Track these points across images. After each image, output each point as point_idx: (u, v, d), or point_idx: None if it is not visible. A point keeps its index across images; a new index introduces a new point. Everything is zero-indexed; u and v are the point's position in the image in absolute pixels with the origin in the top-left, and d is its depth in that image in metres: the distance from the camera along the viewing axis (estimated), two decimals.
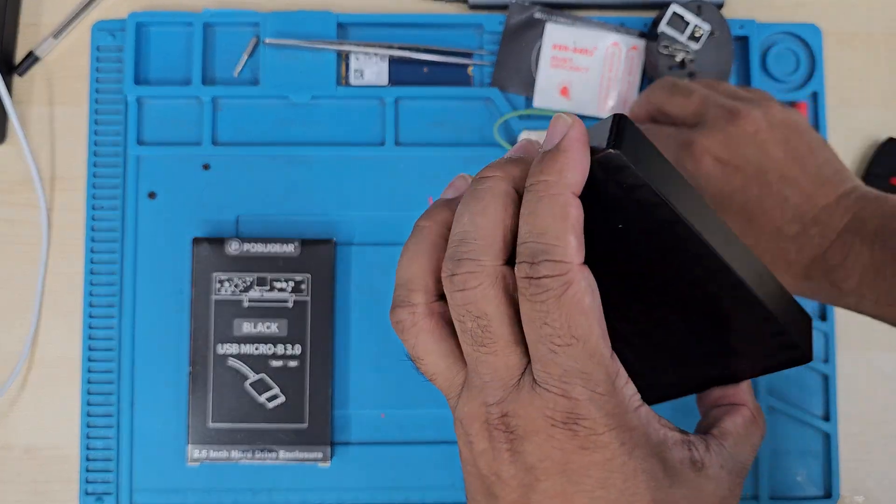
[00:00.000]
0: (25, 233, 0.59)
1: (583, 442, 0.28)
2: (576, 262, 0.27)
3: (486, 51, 0.60)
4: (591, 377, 0.28)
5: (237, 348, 0.55)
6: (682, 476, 0.29)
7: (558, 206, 0.27)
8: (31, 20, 0.61)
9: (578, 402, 0.28)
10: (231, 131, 0.59)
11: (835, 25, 0.62)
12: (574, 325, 0.27)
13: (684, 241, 0.29)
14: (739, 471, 0.32)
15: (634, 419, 0.29)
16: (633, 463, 0.28)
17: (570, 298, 0.27)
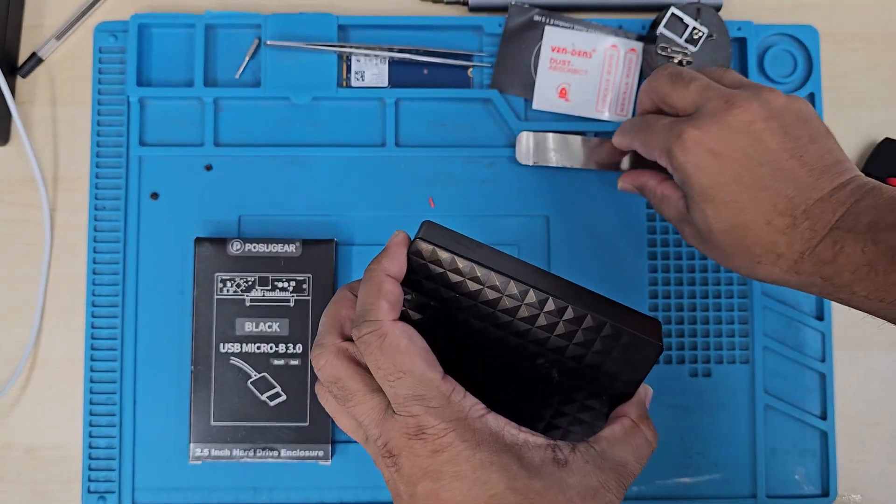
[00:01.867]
0: (28, 233, 0.59)
1: (433, 446, 0.36)
2: (387, 319, 0.37)
3: (486, 53, 0.60)
4: (425, 397, 0.36)
5: (239, 347, 0.55)
6: (542, 471, 0.36)
7: (374, 283, 0.38)
8: (34, 21, 0.61)
9: (419, 416, 0.36)
10: (233, 132, 0.59)
11: (832, 27, 0.62)
12: (397, 362, 0.36)
13: (497, 289, 0.38)
14: (614, 468, 0.38)
15: (478, 423, 0.36)
16: (480, 456, 0.35)
17: (389, 345, 0.36)
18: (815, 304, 0.60)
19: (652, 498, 0.58)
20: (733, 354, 0.59)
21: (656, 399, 0.58)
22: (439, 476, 0.36)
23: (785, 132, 0.45)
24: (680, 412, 0.59)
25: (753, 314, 0.59)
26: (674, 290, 0.59)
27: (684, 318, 0.59)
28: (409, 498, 0.37)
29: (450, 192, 0.59)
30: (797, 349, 0.59)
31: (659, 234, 0.59)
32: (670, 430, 0.58)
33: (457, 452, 0.35)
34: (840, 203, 0.43)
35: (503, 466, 0.35)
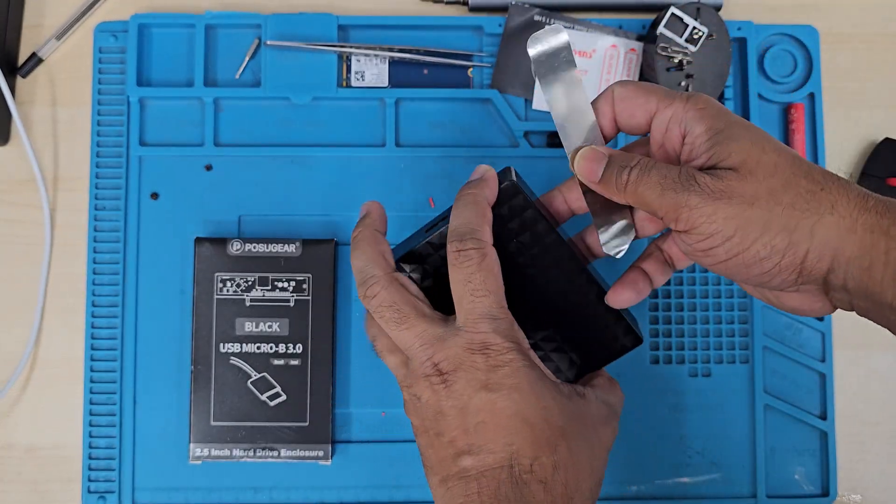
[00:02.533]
0: (28, 233, 0.59)
1: (494, 361, 0.39)
2: (489, 243, 0.41)
3: (486, 53, 0.60)
4: (497, 318, 0.40)
5: (239, 347, 0.55)
6: (573, 397, 0.42)
7: (480, 207, 0.42)
8: (34, 22, 0.61)
9: (487, 334, 0.40)
10: (233, 132, 0.59)
11: (832, 27, 0.62)
12: (488, 282, 0.40)
13: (555, 249, 0.43)
14: (610, 406, 0.44)
15: (529, 351, 0.41)
16: (535, 373, 0.40)
17: (487, 264, 0.40)
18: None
19: (652, 497, 0.58)
20: (733, 354, 0.59)
21: (656, 399, 0.58)
22: (498, 387, 0.39)
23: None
24: (680, 412, 0.59)
25: (753, 314, 0.59)
26: (674, 290, 0.59)
27: (684, 317, 0.59)
28: (458, 412, 0.39)
29: (450, 192, 0.59)
30: (797, 349, 0.59)
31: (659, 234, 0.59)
32: (670, 429, 0.58)
33: (516, 368, 0.39)
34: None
35: (549, 386, 0.40)
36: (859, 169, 0.61)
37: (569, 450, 0.39)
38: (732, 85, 0.61)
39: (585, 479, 0.40)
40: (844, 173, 0.61)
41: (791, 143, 0.60)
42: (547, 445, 0.39)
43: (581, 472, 0.40)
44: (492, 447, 0.39)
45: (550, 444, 0.39)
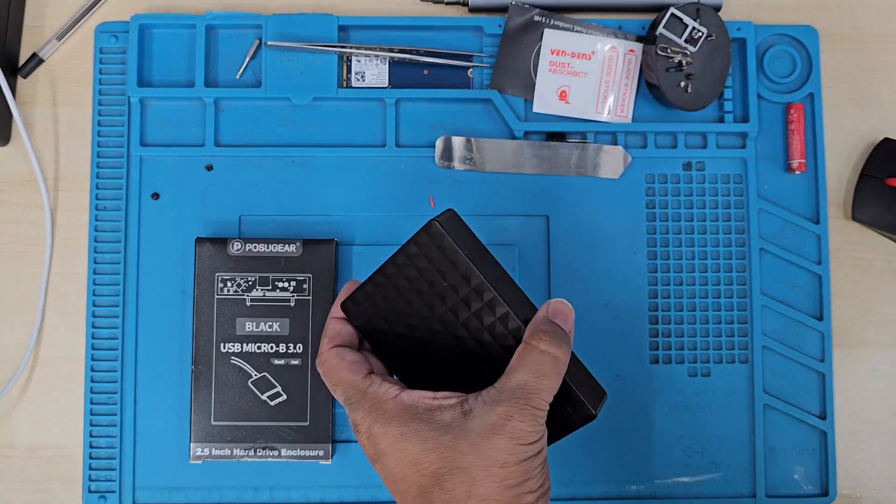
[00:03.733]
0: (29, 233, 0.59)
1: (365, 435, 0.42)
2: (325, 349, 0.45)
3: (486, 53, 0.61)
4: (350, 398, 0.43)
5: (239, 347, 0.55)
6: (452, 425, 0.40)
7: (324, 330, 0.47)
8: (35, 22, 0.61)
9: (351, 414, 0.43)
10: (233, 133, 0.60)
11: (831, 27, 0.62)
12: (332, 378, 0.44)
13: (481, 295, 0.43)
14: (512, 395, 0.40)
15: (390, 404, 0.42)
16: (392, 431, 0.41)
17: (326, 367, 0.44)
18: (815, 303, 0.60)
19: (651, 497, 0.58)
20: (733, 354, 0.59)
21: (656, 398, 0.58)
22: (377, 457, 0.42)
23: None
24: (679, 412, 0.59)
25: (752, 314, 0.59)
26: (673, 290, 0.59)
27: (684, 317, 0.59)
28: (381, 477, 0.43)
29: (450, 192, 0.59)
30: (796, 349, 0.59)
31: (659, 234, 0.59)
32: (670, 429, 0.58)
33: (375, 433, 0.41)
34: None
35: (415, 433, 0.41)
36: (858, 169, 0.61)
37: (441, 489, 0.40)
38: (732, 85, 0.61)
39: (469, 498, 0.39)
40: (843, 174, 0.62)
41: (790, 143, 0.60)
42: (423, 495, 0.40)
43: (461, 501, 0.39)
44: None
45: (425, 493, 0.40)
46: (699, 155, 0.60)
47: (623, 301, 0.59)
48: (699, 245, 0.59)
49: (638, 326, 0.59)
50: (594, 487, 0.58)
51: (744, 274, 0.59)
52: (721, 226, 0.60)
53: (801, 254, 0.60)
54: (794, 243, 0.60)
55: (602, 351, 0.58)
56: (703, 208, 0.60)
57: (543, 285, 0.59)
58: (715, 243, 0.60)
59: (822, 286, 0.60)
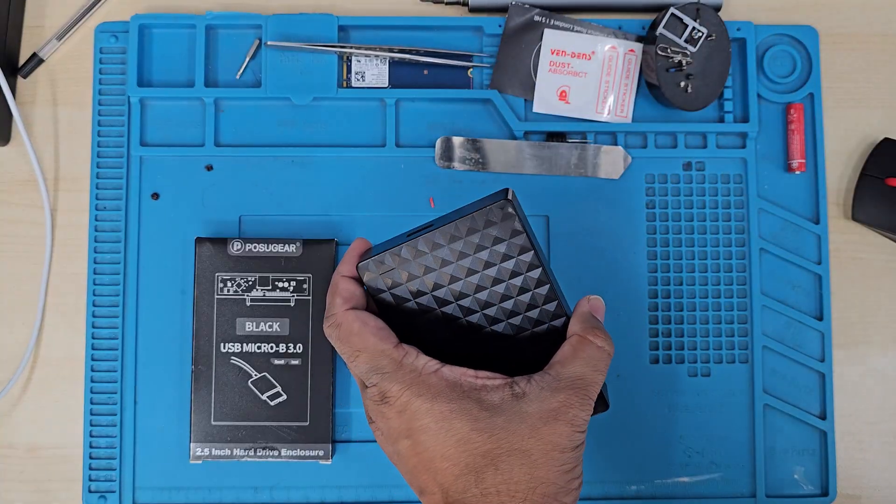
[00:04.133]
0: (29, 233, 0.59)
1: (397, 407, 0.41)
2: (340, 311, 0.43)
3: (486, 53, 0.61)
4: (380, 366, 0.41)
5: (239, 347, 0.55)
6: (503, 407, 0.40)
7: (332, 284, 0.44)
8: (35, 22, 0.61)
9: (379, 384, 0.41)
10: (233, 133, 0.60)
11: (831, 27, 0.62)
12: (353, 344, 0.42)
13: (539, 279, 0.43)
14: (571, 384, 0.41)
15: (433, 378, 0.41)
16: (438, 407, 0.40)
17: (344, 331, 0.42)
18: (815, 303, 0.60)
19: (651, 497, 0.58)
20: (733, 354, 0.59)
21: (656, 398, 0.58)
22: (410, 433, 0.40)
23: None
24: (679, 412, 0.59)
25: (753, 314, 0.59)
26: (673, 290, 0.59)
27: (684, 317, 0.59)
28: (395, 456, 0.42)
29: (450, 193, 0.59)
30: (796, 349, 0.59)
31: (659, 234, 0.59)
32: (670, 429, 0.58)
33: (416, 408, 0.40)
34: None
35: (464, 411, 0.40)
36: (858, 169, 0.61)
37: (497, 470, 0.39)
38: (732, 85, 0.61)
39: (526, 489, 0.39)
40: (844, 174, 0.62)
41: (790, 143, 0.60)
42: (472, 474, 0.39)
43: (518, 483, 0.39)
44: (430, 488, 0.41)
45: (475, 472, 0.39)
46: (699, 155, 0.60)
47: (623, 301, 0.59)
48: (699, 245, 0.59)
49: (638, 326, 0.59)
50: (594, 487, 0.58)
51: (744, 274, 0.59)
52: (721, 226, 0.60)
53: (801, 254, 0.60)
54: (795, 243, 0.60)
55: None
56: (703, 208, 0.60)
57: None
58: (715, 243, 0.59)
59: (822, 286, 0.60)
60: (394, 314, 0.44)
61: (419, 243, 0.43)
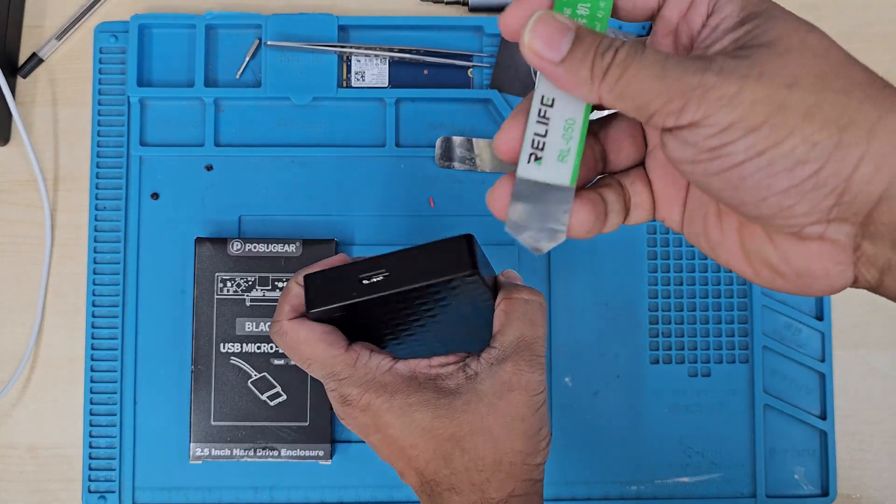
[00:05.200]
0: (29, 233, 0.59)
1: (359, 407, 0.41)
2: (285, 319, 0.42)
3: (486, 53, 0.60)
4: (334, 372, 0.42)
5: (239, 347, 0.55)
6: (460, 391, 0.41)
7: (284, 291, 0.43)
8: (35, 22, 0.61)
9: (337, 389, 0.42)
10: (233, 132, 0.60)
11: (832, 27, 0.62)
12: (302, 352, 0.42)
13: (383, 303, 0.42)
14: (515, 349, 0.41)
15: (387, 377, 0.41)
16: (397, 402, 0.41)
17: (291, 340, 0.42)
18: (815, 303, 0.60)
19: (652, 498, 0.58)
20: (733, 354, 0.59)
21: (656, 398, 0.58)
22: (378, 428, 0.42)
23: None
24: (679, 412, 0.59)
25: (753, 314, 0.59)
26: (673, 290, 0.59)
27: (684, 317, 0.59)
28: (371, 446, 0.43)
29: (450, 193, 0.59)
30: (797, 349, 0.59)
31: (659, 233, 0.59)
32: (670, 429, 0.58)
33: (377, 407, 0.41)
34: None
35: (423, 402, 0.41)
36: None
37: (463, 451, 0.41)
38: None
39: (493, 463, 0.41)
40: None
41: None
42: (440, 458, 0.41)
43: (485, 458, 0.41)
44: (406, 471, 0.43)
45: (443, 456, 0.41)
46: None
47: (623, 301, 0.59)
48: None
49: (638, 326, 0.59)
50: (594, 488, 0.58)
51: None
52: None
53: None
54: None
55: (602, 351, 0.58)
56: None
57: (544, 285, 0.58)
58: None
59: None
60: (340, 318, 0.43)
61: (373, 304, 0.41)
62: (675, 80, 0.27)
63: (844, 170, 0.27)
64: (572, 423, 0.58)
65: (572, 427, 0.58)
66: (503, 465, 0.41)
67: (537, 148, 0.31)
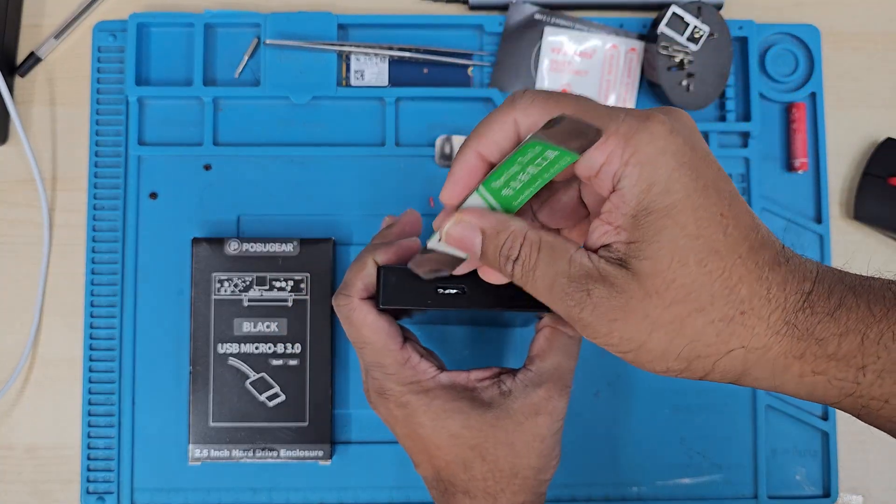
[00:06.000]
0: (27, 233, 0.59)
1: (396, 403, 0.44)
2: (357, 297, 0.43)
3: (486, 52, 0.60)
4: (383, 364, 0.43)
5: (237, 348, 0.55)
6: (493, 404, 0.43)
7: (360, 263, 0.43)
8: (33, 21, 0.61)
9: (380, 380, 0.44)
10: (232, 132, 0.59)
11: (833, 26, 0.62)
12: (362, 335, 0.43)
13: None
14: (551, 377, 0.44)
15: (430, 383, 0.43)
16: (434, 406, 0.43)
17: (356, 319, 0.43)
18: None
19: (653, 499, 0.58)
20: None
21: (657, 399, 0.58)
22: (407, 424, 0.44)
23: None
24: (681, 412, 0.58)
25: None
26: None
27: None
28: (393, 432, 0.45)
29: None
30: None
31: None
32: (671, 430, 0.58)
33: (415, 408, 0.43)
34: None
35: (457, 410, 0.43)
36: (861, 168, 0.60)
37: (484, 460, 0.43)
38: (734, 84, 0.60)
39: (509, 475, 0.44)
40: (845, 176, 0.61)
41: (793, 142, 0.60)
42: (461, 464, 0.44)
43: (503, 470, 0.43)
44: (423, 464, 0.45)
45: (464, 462, 0.43)
46: None
47: None
48: None
49: None
50: (595, 489, 0.58)
51: None
52: None
53: (804, 253, 0.59)
54: (797, 243, 0.60)
55: (602, 351, 0.58)
56: None
57: None
58: None
59: None
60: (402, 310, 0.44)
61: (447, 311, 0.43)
62: (561, 307, 0.34)
63: (700, 373, 0.35)
64: (573, 424, 0.58)
65: (573, 428, 0.58)
66: (517, 479, 0.44)
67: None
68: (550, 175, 0.34)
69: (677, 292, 0.33)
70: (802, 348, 0.33)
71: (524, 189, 0.35)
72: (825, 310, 0.33)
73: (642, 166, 0.32)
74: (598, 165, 0.33)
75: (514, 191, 0.35)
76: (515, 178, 0.35)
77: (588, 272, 0.34)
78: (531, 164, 0.34)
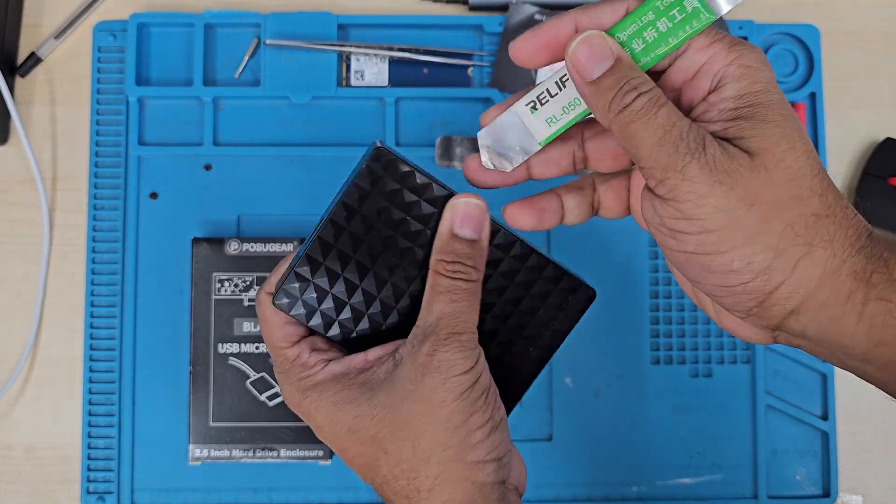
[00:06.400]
0: (27, 233, 0.59)
1: (294, 405, 0.39)
2: (265, 291, 0.39)
3: (486, 52, 0.60)
4: (277, 362, 0.39)
5: (238, 347, 0.55)
6: (386, 380, 0.36)
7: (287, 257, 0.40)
8: (33, 21, 0.61)
9: (280, 381, 0.39)
10: (232, 132, 0.59)
11: (833, 26, 0.62)
12: (263, 330, 0.39)
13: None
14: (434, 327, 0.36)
15: (320, 375, 0.38)
16: (324, 401, 0.37)
17: (259, 313, 0.39)
18: None
19: (653, 499, 0.58)
20: (734, 354, 0.59)
21: (657, 399, 0.58)
22: (315, 427, 0.38)
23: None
24: (681, 412, 0.58)
25: None
26: (674, 290, 0.59)
27: (685, 317, 0.59)
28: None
29: None
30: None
31: None
32: (671, 430, 0.58)
33: (308, 408, 0.38)
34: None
35: (349, 400, 0.37)
36: (860, 168, 0.61)
37: (387, 454, 0.36)
38: None
39: (421, 462, 0.36)
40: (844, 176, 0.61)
41: None
42: (367, 466, 0.37)
43: (408, 462, 0.36)
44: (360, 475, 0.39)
45: (369, 464, 0.37)
46: None
47: (624, 301, 0.59)
48: None
49: (639, 327, 0.59)
50: (595, 489, 0.58)
51: None
52: None
53: None
54: None
55: (603, 351, 0.58)
56: None
57: None
58: None
59: None
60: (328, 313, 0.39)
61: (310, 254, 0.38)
62: (666, 155, 0.31)
63: (767, 287, 0.32)
64: (573, 424, 0.58)
65: (573, 428, 0.58)
66: (432, 465, 0.35)
67: (540, 101, 0.35)
68: (678, 41, 0.32)
69: (783, 173, 0.32)
70: (870, 270, 0.32)
71: (654, 47, 0.32)
72: (886, 245, 0.33)
73: (746, 68, 0.32)
74: (699, 65, 0.33)
75: (644, 45, 0.33)
76: (648, 28, 0.32)
77: (705, 135, 0.32)
78: (665, 17, 0.32)
